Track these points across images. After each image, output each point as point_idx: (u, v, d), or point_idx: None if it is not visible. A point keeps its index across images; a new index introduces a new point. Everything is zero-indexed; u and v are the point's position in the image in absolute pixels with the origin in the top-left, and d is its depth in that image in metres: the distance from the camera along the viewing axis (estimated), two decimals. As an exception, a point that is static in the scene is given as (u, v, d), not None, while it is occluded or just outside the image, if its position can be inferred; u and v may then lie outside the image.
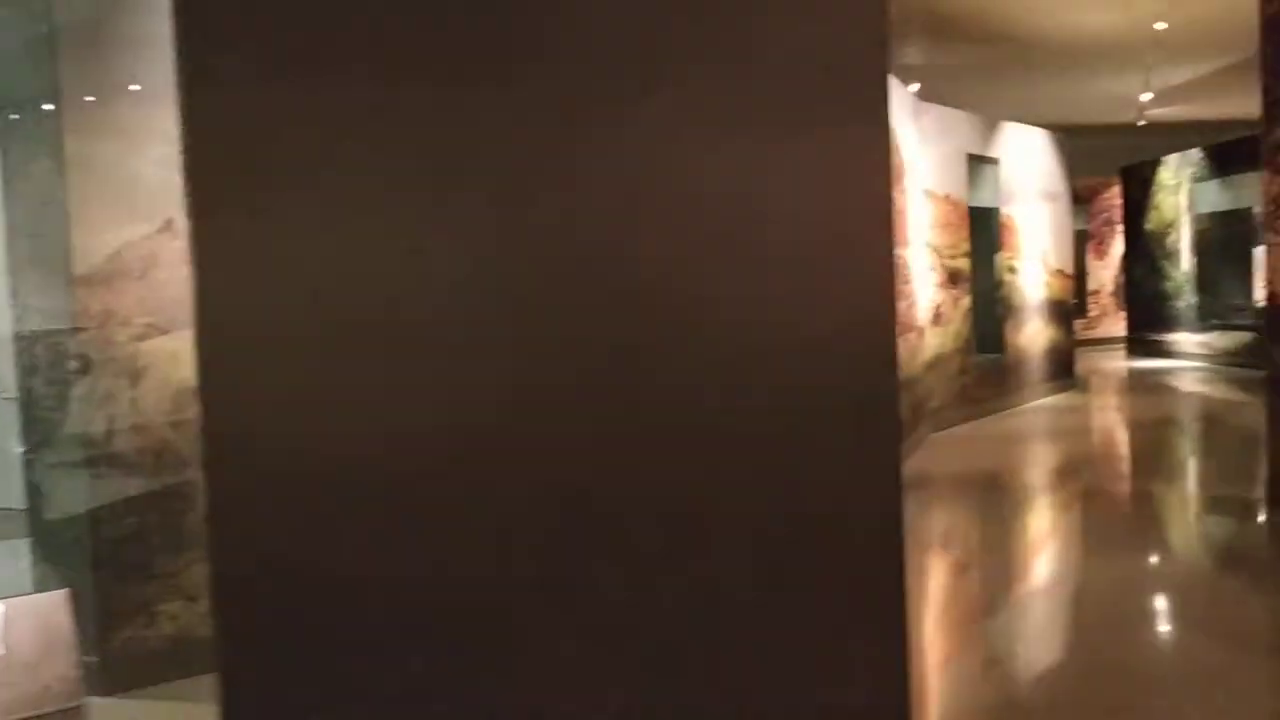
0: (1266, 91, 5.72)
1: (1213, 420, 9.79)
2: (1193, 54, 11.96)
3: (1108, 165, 17.45)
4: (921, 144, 8.85)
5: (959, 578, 5.40)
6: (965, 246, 9.60)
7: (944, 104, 11.55)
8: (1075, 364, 12.22)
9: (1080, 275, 18.27)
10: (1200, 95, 14.80)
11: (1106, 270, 18.27)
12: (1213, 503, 6.47)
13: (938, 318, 9.11)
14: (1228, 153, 13.63)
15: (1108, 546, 5.55)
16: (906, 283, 8.06)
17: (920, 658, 3.71)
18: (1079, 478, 7.53)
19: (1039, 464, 8.05)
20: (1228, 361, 13.05)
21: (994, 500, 6.84)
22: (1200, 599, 4.47)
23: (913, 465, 7.82)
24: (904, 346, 7.96)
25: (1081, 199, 18.02)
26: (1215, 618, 4.17)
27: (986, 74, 13.44)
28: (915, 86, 12.54)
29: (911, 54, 11.94)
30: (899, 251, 7.77)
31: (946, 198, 9.31)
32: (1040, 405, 10.73)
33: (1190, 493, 6.88)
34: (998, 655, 3.97)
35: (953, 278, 9.37)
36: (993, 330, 10.43)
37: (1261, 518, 5.72)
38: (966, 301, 9.61)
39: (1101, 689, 3.35)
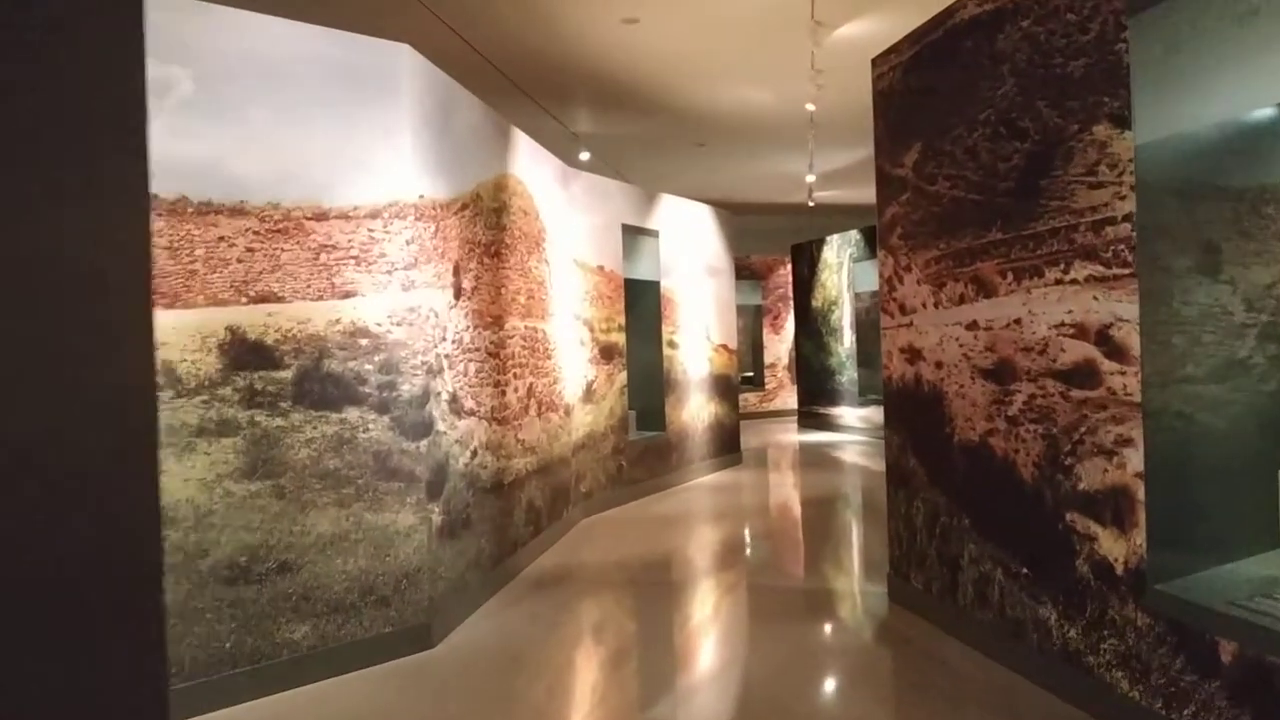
0: (879, 171, 5.58)
1: (861, 495, 9.84)
2: (844, 138, 12.47)
3: (783, 244, 18.09)
4: (571, 212, 8.37)
5: (613, 672, 4.74)
6: (621, 320, 9.20)
7: (621, 178, 11.30)
8: (740, 439, 12.17)
9: (757, 349, 18.73)
10: (858, 179, 15.62)
11: (782, 344, 18.83)
12: (845, 578, 6.23)
13: (589, 395, 8.60)
14: (880, 235, 14.24)
15: (757, 628, 5.11)
16: (548, 358, 7.47)
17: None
18: (731, 559, 7.15)
19: (693, 546, 7.62)
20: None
21: (645, 588, 6.28)
22: (839, 667, 4.02)
23: (559, 554, 7.16)
24: (546, 427, 7.34)
25: (758, 275, 18.54)
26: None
27: (660, 149, 13.49)
28: (585, 155, 12.28)
29: (582, 120, 11.69)
30: (536, 325, 7.18)
31: (600, 269, 8.88)
32: (702, 483, 10.49)
33: (825, 570, 6.63)
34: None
35: (607, 352, 8.92)
36: (653, 407, 10.10)
37: (881, 589, 5.47)
38: (622, 377, 9.18)
39: None
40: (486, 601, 5.82)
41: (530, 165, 7.24)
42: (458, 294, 5.59)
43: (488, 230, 6.18)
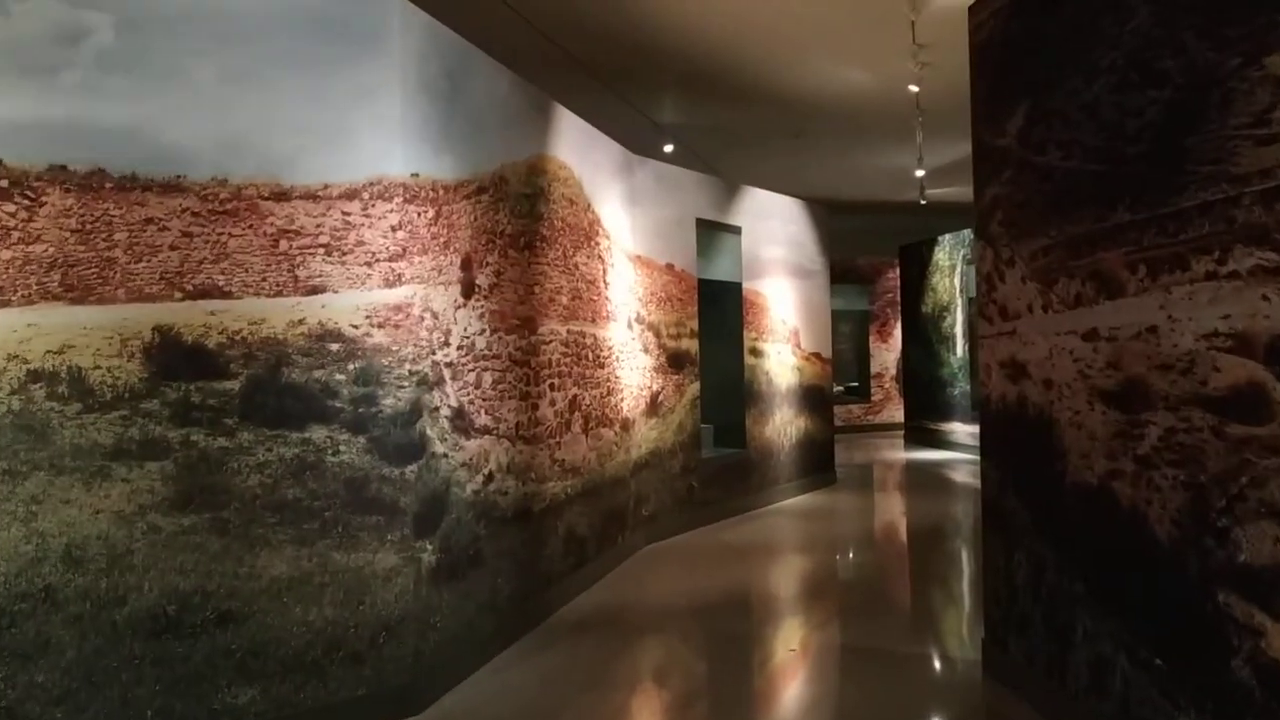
0: (976, 143, 4.55)
1: (971, 527, 8.69)
2: (956, 127, 11.26)
3: (893, 246, 16.85)
4: (633, 204, 7.50)
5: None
6: (693, 325, 8.28)
7: (713, 174, 10.39)
8: (835, 457, 11.10)
9: (863, 358, 17.55)
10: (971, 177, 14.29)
11: (890, 353, 17.59)
12: (941, 639, 5.21)
13: (655, 407, 7.71)
14: (996, 234, 12.98)
15: (821, 704, 4.19)
16: (600, 366, 6.61)
17: None
18: (804, 605, 6.19)
19: (762, 586, 6.68)
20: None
21: (696, 637, 5.40)
22: None
23: (608, 589, 6.31)
24: (595, 444, 6.48)
25: (865, 279, 17.37)
26: None
27: (753, 141, 12.48)
28: (669, 147, 11.40)
29: (666, 110, 10.79)
30: (585, 329, 6.33)
31: (669, 268, 7.98)
32: (787, 506, 9.48)
33: (917, 626, 5.61)
34: None
35: (676, 361, 8.01)
36: (732, 421, 9.14)
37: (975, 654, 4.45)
38: (694, 388, 8.26)
39: None
40: (502, 652, 4.98)
41: (579, 148, 6.39)
42: (469, 291, 4.77)
43: (516, 219, 5.36)
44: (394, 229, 4.14)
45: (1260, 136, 2.66)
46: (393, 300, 4.13)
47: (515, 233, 5.35)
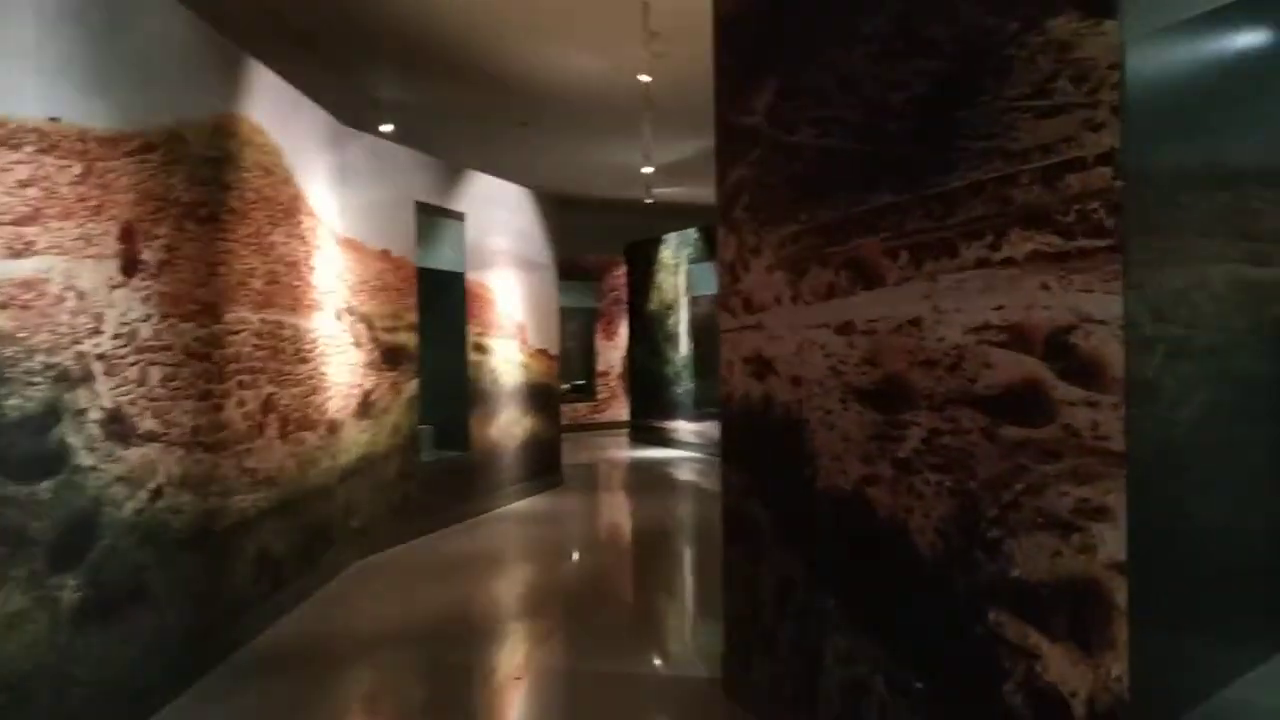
0: (720, 123, 4.22)
1: (699, 529, 8.51)
2: (688, 123, 11.17)
3: (621, 243, 16.73)
4: (344, 182, 6.72)
5: None
6: (412, 317, 7.59)
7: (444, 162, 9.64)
8: (561, 458, 10.70)
9: (590, 356, 17.35)
10: (706, 173, 14.38)
11: (616, 351, 17.49)
12: (673, 659, 4.86)
13: (367, 408, 6.96)
14: (721, 234, 13.11)
15: (561, 713, 3.65)
16: (302, 361, 5.81)
17: None
18: (525, 623, 5.69)
19: (480, 601, 6.11)
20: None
21: (394, 670, 4.75)
22: None
23: (309, 615, 5.52)
24: (295, 450, 5.68)
25: (592, 276, 17.17)
26: None
27: (478, 126, 11.82)
28: (387, 126, 10.56)
29: (384, 86, 9.95)
30: (284, 319, 5.52)
31: (385, 254, 7.25)
32: (512, 511, 8.96)
33: (648, 643, 5.25)
34: None
35: (392, 356, 7.29)
36: (454, 422, 8.50)
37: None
38: (412, 386, 7.56)
39: None
40: (176, 699, 4.15)
41: (279, 113, 5.57)
42: (130, 269, 3.90)
43: (196, 186, 4.51)
44: (23, 184, 3.26)
45: (1042, 108, 2.41)
46: (20, 274, 3.25)
47: (195, 202, 4.49)
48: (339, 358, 6.53)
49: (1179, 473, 2.59)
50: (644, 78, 8.49)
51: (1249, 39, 3.00)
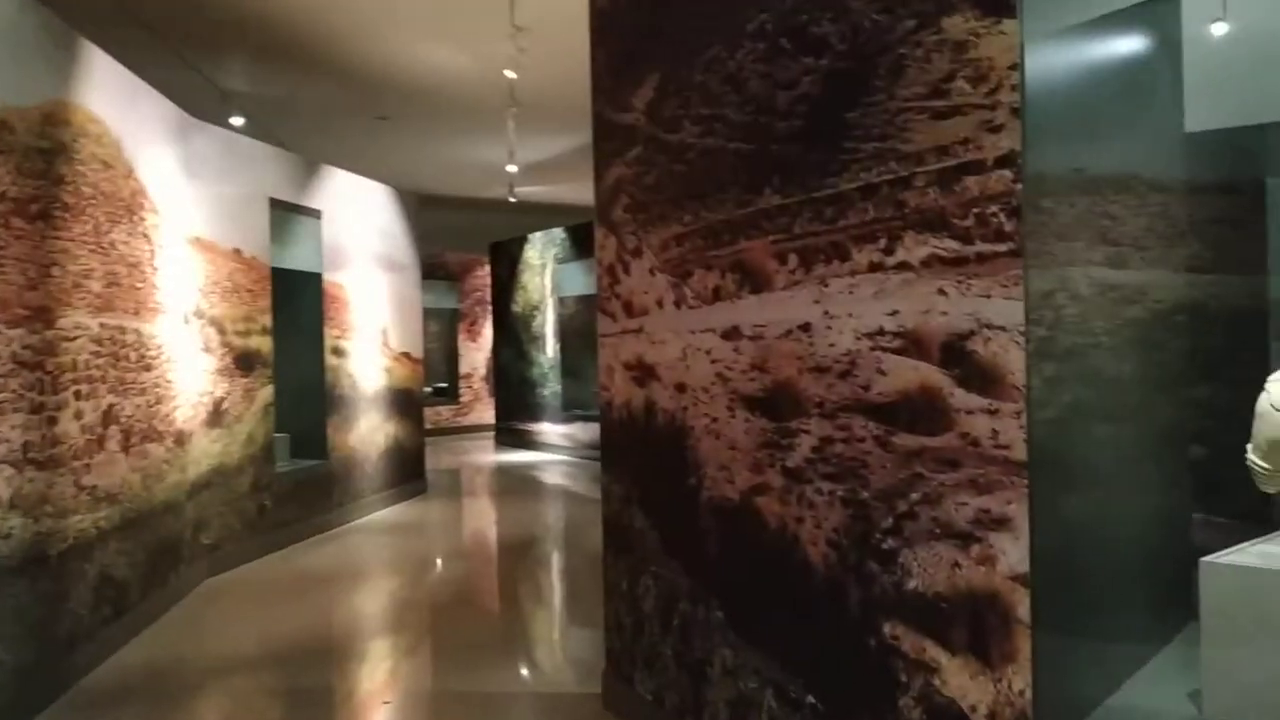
0: (597, 120, 4.08)
1: (570, 534, 8.37)
2: (554, 120, 10.99)
3: (484, 243, 16.42)
4: (191, 176, 6.30)
5: None
6: (266, 320, 7.19)
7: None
8: (425, 464, 10.38)
9: (452, 358, 16.99)
10: (571, 172, 14.20)
11: (480, 353, 17.17)
12: (549, 675, 4.70)
13: (218, 416, 6.54)
14: (590, 233, 13.01)
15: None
16: (146, 369, 5.40)
17: None
18: (390, 643, 5.43)
19: (340, 619, 5.81)
20: (591, 455, 12.16)
21: (254, 696, 4.43)
22: None
23: (156, 640, 5.13)
24: (139, 464, 5.27)
25: (454, 276, 16.82)
26: None
27: (335, 121, 11.36)
28: (238, 119, 10.02)
29: (234, 77, 9.43)
30: (126, 323, 5.11)
31: (236, 253, 6.84)
32: (374, 521, 8.62)
33: (521, 659, 5.07)
34: None
35: (245, 361, 6.89)
36: (311, 429, 8.11)
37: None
38: (267, 393, 7.17)
39: None
40: (-2, 747, 3.76)
41: (118, 101, 5.16)
42: (-58, 268, 3.51)
43: (24, 179, 4.10)
44: None
45: (938, 109, 2.35)
46: None
47: (23, 197, 4.09)
48: (187, 364, 6.12)
49: (1069, 478, 2.58)
50: (509, 73, 8.28)
51: (1127, 45, 3.04)
